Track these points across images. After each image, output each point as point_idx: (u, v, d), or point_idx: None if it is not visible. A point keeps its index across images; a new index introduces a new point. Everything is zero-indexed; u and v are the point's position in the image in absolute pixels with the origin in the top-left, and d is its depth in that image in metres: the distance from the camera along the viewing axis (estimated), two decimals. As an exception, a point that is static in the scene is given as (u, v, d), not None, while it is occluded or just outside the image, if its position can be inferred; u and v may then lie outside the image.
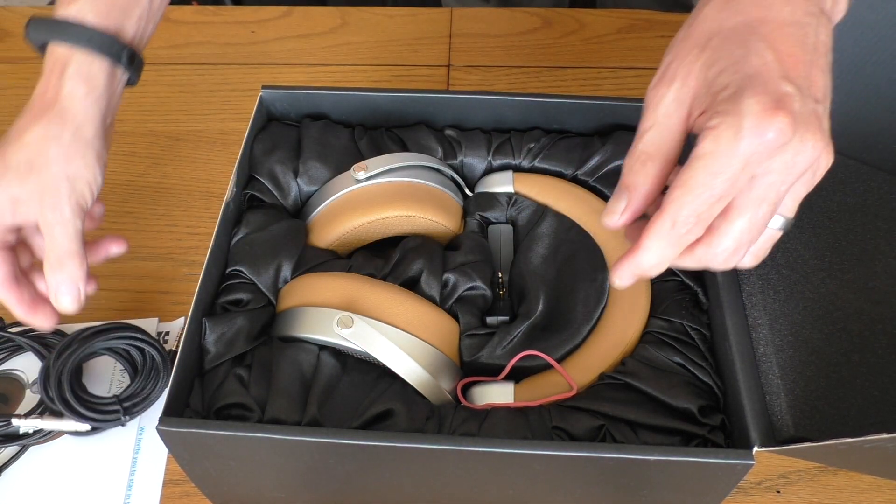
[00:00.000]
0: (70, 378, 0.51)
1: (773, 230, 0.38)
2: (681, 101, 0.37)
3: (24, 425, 0.52)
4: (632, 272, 0.38)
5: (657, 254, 0.37)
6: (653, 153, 0.37)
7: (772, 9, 0.36)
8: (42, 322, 0.47)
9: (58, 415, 0.52)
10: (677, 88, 0.37)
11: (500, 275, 0.51)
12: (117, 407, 0.52)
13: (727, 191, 0.35)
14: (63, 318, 0.59)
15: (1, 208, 0.45)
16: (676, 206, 0.35)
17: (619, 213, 0.39)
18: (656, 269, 0.37)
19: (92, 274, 0.48)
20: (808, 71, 0.35)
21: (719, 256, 0.37)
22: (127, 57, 0.49)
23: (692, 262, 0.37)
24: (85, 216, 0.48)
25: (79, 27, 0.46)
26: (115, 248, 0.51)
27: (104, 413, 0.52)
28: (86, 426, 0.52)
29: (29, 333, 0.56)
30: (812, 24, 0.36)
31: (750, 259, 0.39)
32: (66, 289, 0.46)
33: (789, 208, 0.37)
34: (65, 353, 0.52)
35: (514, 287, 0.51)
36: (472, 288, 0.48)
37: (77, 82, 0.46)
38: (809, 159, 0.34)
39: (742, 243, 0.36)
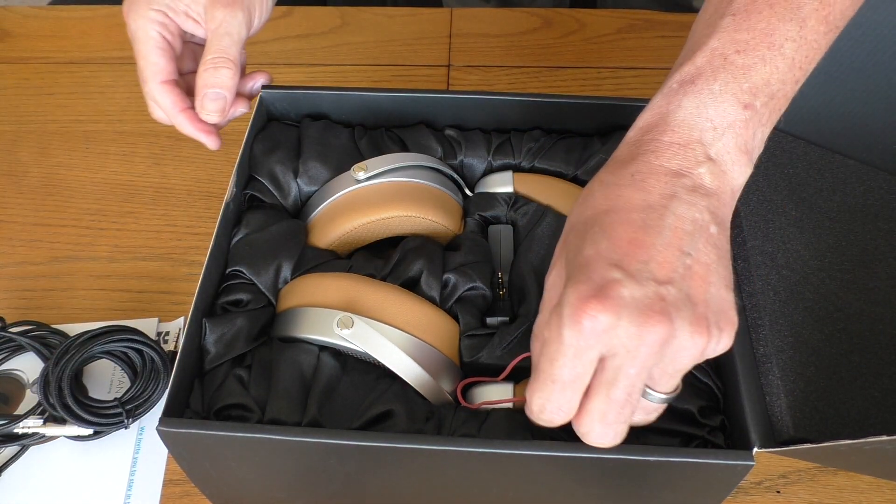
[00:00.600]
0: (70, 383, 0.51)
1: (652, 404, 0.38)
2: (551, 295, 0.38)
3: (25, 427, 0.52)
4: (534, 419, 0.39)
5: (544, 420, 0.38)
6: (536, 335, 0.38)
7: (620, 198, 0.37)
8: (184, 124, 0.51)
9: (60, 421, 0.52)
10: (553, 278, 0.39)
11: (500, 275, 0.51)
12: (119, 410, 0.52)
13: (573, 376, 0.35)
14: (63, 319, 0.59)
15: None
16: (529, 393, 0.37)
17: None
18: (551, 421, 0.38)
19: (242, 95, 0.52)
20: (651, 254, 0.35)
21: (589, 435, 0.37)
22: None
23: (591, 440, 0.38)
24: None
25: None
26: (261, 80, 0.56)
27: (106, 417, 0.52)
28: (88, 431, 0.52)
29: (29, 333, 0.56)
30: (668, 206, 0.36)
31: (641, 423, 0.39)
32: (214, 94, 0.49)
33: (662, 384, 0.37)
34: (63, 358, 0.52)
35: (514, 287, 0.51)
36: (472, 288, 0.48)
37: None
38: (650, 342, 0.34)
39: (606, 423, 0.36)
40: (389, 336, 0.44)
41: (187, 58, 0.56)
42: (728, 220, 0.38)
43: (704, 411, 0.43)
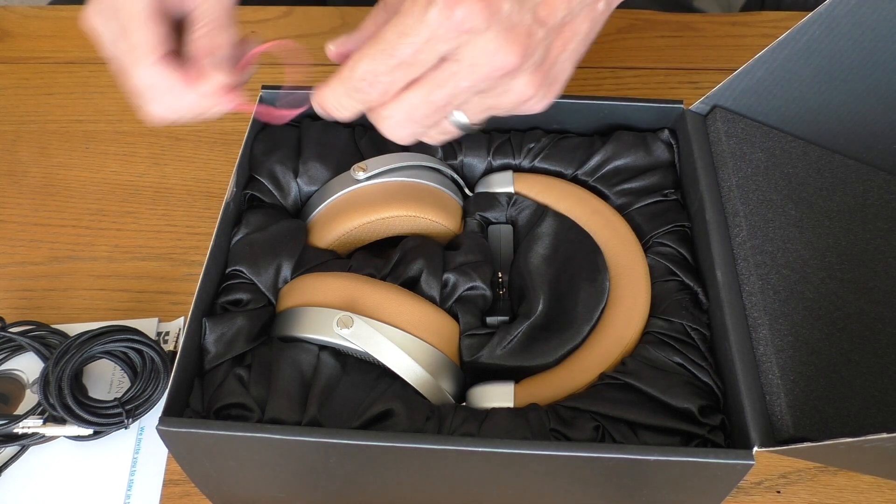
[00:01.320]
0: (70, 384, 0.51)
1: (450, 124, 0.38)
2: None
3: (25, 427, 0.52)
4: (316, 102, 0.39)
5: (335, 97, 0.37)
6: (390, 4, 0.38)
7: None
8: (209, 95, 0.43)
9: (60, 421, 0.52)
10: None
11: (500, 275, 0.51)
12: (119, 410, 0.52)
13: (410, 59, 0.34)
14: (63, 318, 0.59)
15: None
16: (358, 57, 0.36)
17: (338, 44, 0.41)
18: (337, 113, 0.38)
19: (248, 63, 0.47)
20: None
21: (386, 121, 0.37)
22: None
23: (372, 120, 0.38)
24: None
25: None
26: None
27: (106, 417, 0.52)
28: (88, 431, 0.52)
29: (29, 333, 0.56)
30: None
31: (427, 138, 0.39)
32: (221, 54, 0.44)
33: (472, 113, 0.37)
34: (63, 359, 0.52)
35: (514, 287, 0.51)
36: (472, 288, 0.48)
37: None
38: (496, 65, 0.34)
39: (411, 119, 0.36)
40: (389, 335, 0.44)
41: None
42: (611, 6, 0.38)
43: (704, 411, 0.43)
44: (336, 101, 0.38)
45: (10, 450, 0.53)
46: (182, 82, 0.44)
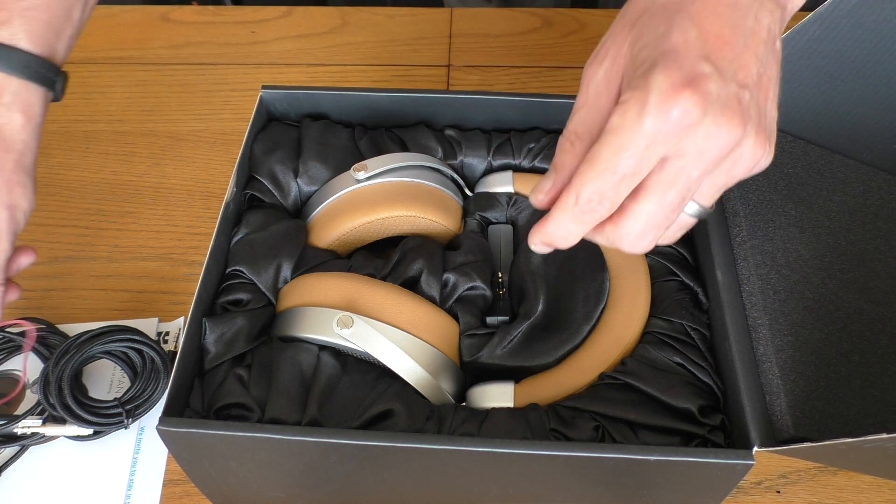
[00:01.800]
0: (70, 383, 0.51)
1: (687, 217, 0.37)
2: (610, 79, 0.36)
3: (25, 427, 0.52)
4: (541, 240, 0.38)
5: (562, 227, 0.36)
6: (582, 133, 0.36)
7: None
8: None
9: (60, 421, 0.52)
10: (607, 67, 0.36)
11: (500, 275, 0.51)
12: (119, 410, 0.52)
13: (634, 170, 0.34)
14: (64, 319, 0.59)
15: None
16: (580, 182, 0.35)
17: (545, 191, 0.38)
18: (565, 242, 0.37)
19: (13, 282, 0.50)
20: (736, 54, 0.34)
21: (626, 238, 0.36)
22: (61, 82, 0.49)
23: (602, 240, 0.37)
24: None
25: (14, 52, 0.46)
26: (24, 260, 0.51)
27: (107, 417, 0.52)
28: (88, 431, 0.52)
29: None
30: (752, 8, 0.35)
31: (664, 240, 0.38)
32: None
33: (706, 196, 0.36)
34: (63, 358, 0.52)
35: (514, 287, 0.51)
36: (471, 288, 0.48)
37: (15, 111, 0.46)
38: (724, 145, 0.33)
39: (650, 226, 0.35)
40: (389, 335, 0.44)
41: None
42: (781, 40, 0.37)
43: (704, 411, 0.43)
44: (564, 230, 0.37)
45: (10, 450, 0.53)
46: None
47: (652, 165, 0.34)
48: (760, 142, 0.34)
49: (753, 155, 0.34)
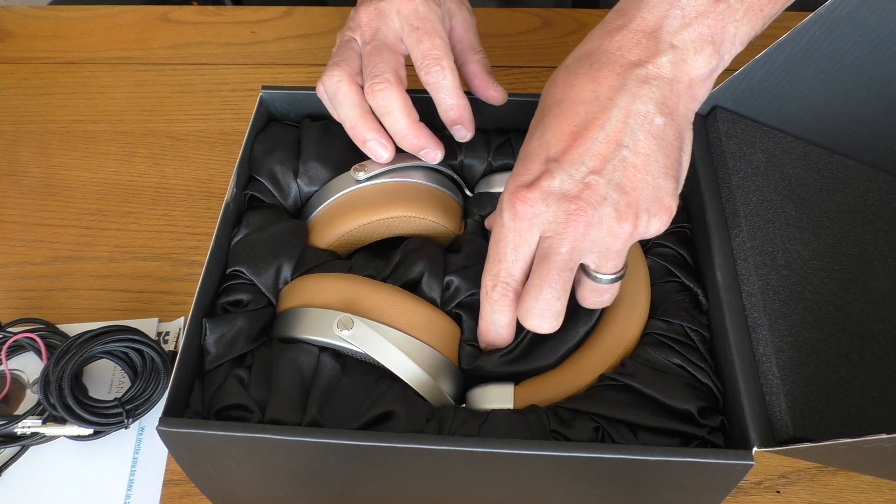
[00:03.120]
0: (70, 383, 0.51)
1: (595, 282, 0.43)
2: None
3: (25, 427, 0.52)
4: (485, 339, 0.45)
5: (488, 318, 0.44)
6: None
7: (573, 89, 0.40)
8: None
9: (60, 421, 0.52)
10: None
11: None
12: (119, 410, 0.52)
13: (513, 255, 0.41)
14: (63, 318, 0.59)
15: None
16: (484, 278, 0.43)
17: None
18: (498, 335, 0.44)
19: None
20: (586, 147, 0.39)
21: (529, 314, 0.41)
22: None
23: (529, 322, 0.42)
24: None
25: None
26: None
27: (106, 416, 0.52)
28: (88, 430, 0.52)
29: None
30: (615, 99, 0.39)
31: (600, 304, 0.44)
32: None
33: (602, 265, 0.41)
34: (63, 358, 0.52)
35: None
36: (473, 294, 0.48)
37: None
38: (579, 224, 0.39)
39: (542, 300, 0.41)
40: (389, 337, 0.44)
41: None
42: (681, 111, 0.40)
43: (704, 412, 0.43)
44: (490, 320, 0.44)
45: (10, 450, 0.53)
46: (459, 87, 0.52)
47: (532, 248, 0.41)
48: (625, 216, 0.39)
49: (621, 228, 0.39)
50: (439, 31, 0.51)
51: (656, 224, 0.40)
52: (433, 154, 0.52)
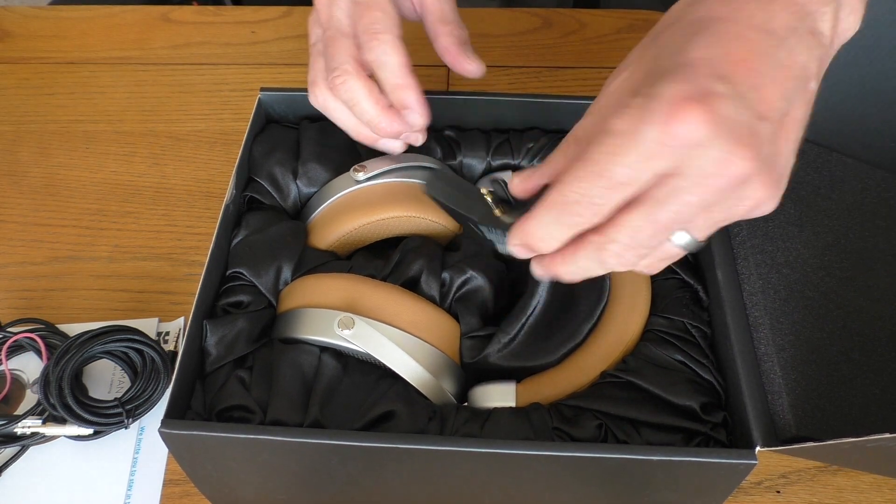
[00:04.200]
0: (70, 383, 0.51)
1: (674, 247, 0.34)
2: (623, 90, 0.33)
3: (25, 427, 0.52)
4: (521, 239, 0.35)
5: (543, 227, 0.34)
6: (582, 138, 0.34)
7: (742, 10, 0.32)
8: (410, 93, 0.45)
9: (60, 421, 0.52)
10: (624, 77, 0.34)
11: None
12: (120, 410, 0.52)
13: (626, 178, 0.31)
14: (64, 319, 0.59)
15: None
16: (568, 180, 0.32)
17: (525, 177, 0.37)
18: (543, 244, 0.35)
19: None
20: (759, 82, 0.31)
21: (609, 251, 0.33)
22: None
23: (584, 255, 0.34)
24: None
25: None
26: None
27: (107, 416, 0.52)
28: (88, 430, 0.52)
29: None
30: (788, 40, 0.32)
31: (642, 268, 0.35)
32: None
33: (699, 229, 0.33)
34: (63, 358, 0.51)
35: (515, 282, 0.51)
36: (466, 281, 0.47)
37: None
38: (730, 175, 0.30)
39: (632, 243, 0.33)
40: (390, 336, 0.44)
41: None
42: (819, 82, 0.33)
43: (706, 408, 0.43)
44: (544, 232, 0.34)
45: (10, 450, 0.53)
46: (406, 68, 0.46)
47: (647, 179, 0.31)
48: (768, 183, 0.31)
49: (759, 196, 0.31)
50: (380, 2, 0.45)
51: (772, 206, 0.32)
52: (414, 137, 0.48)
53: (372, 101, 0.45)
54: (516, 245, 0.36)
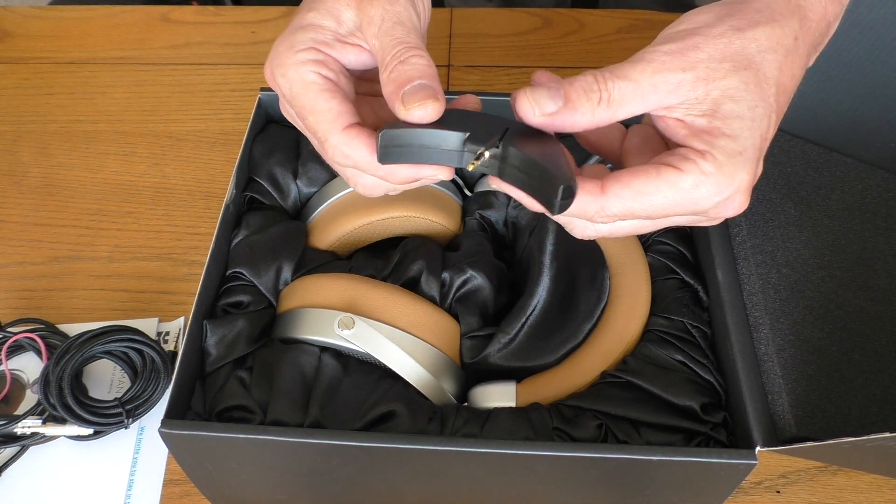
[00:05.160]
0: (70, 383, 0.51)
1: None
2: (678, 89, 0.35)
3: (25, 427, 0.52)
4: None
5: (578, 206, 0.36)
6: (616, 100, 0.35)
7: (794, 78, 0.37)
8: (399, 170, 0.38)
9: (60, 421, 0.52)
10: (687, 80, 0.34)
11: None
12: (119, 410, 0.52)
13: (662, 215, 0.36)
14: (64, 319, 0.59)
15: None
16: (618, 198, 0.35)
17: (544, 112, 0.36)
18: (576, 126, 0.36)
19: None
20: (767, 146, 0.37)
21: (604, 227, 0.37)
22: None
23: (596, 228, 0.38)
24: None
25: None
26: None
27: (107, 416, 0.52)
28: (88, 430, 0.52)
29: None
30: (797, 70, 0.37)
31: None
32: (415, 87, 0.40)
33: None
34: (63, 358, 0.51)
35: (517, 281, 0.51)
36: (466, 281, 0.48)
37: None
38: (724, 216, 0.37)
39: (613, 230, 0.38)
40: (391, 336, 0.44)
41: (366, 111, 0.43)
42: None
43: (706, 408, 0.43)
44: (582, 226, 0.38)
45: (11, 450, 0.53)
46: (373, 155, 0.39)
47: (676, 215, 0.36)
48: (742, 207, 0.36)
49: (737, 209, 0.36)
50: (308, 101, 0.40)
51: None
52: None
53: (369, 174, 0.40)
54: (551, 114, 0.36)
